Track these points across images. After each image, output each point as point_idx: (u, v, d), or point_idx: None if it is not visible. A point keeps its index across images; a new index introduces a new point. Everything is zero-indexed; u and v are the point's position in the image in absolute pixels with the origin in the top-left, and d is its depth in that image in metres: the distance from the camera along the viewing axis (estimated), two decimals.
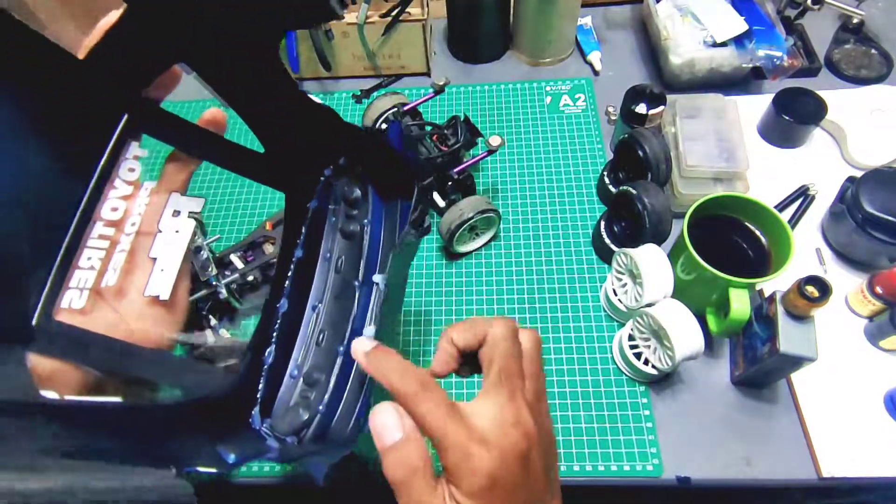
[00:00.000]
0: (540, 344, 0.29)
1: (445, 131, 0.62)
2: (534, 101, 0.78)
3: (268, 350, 0.33)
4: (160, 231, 0.29)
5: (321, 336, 0.35)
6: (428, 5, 0.76)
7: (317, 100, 0.33)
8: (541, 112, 0.77)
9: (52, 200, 0.26)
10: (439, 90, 0.63)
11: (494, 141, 0.59)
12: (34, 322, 0.24)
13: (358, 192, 0.38)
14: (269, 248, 0.65)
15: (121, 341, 0.27)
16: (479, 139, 0.63)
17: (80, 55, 0.24)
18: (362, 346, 0.28)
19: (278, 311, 0.34)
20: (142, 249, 0.29)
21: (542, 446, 0.25)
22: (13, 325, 0.23)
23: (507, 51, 0.84)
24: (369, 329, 0.33)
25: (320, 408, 0.31)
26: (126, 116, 0.27)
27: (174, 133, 0.30)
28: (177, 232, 0.29)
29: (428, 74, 0.82)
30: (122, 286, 0.28)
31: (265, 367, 0.32)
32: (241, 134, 0.34)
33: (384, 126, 0.64)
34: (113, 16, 0.25)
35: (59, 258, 0.25)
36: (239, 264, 0.62)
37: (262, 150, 0.34)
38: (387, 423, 0.25)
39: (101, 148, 0.27)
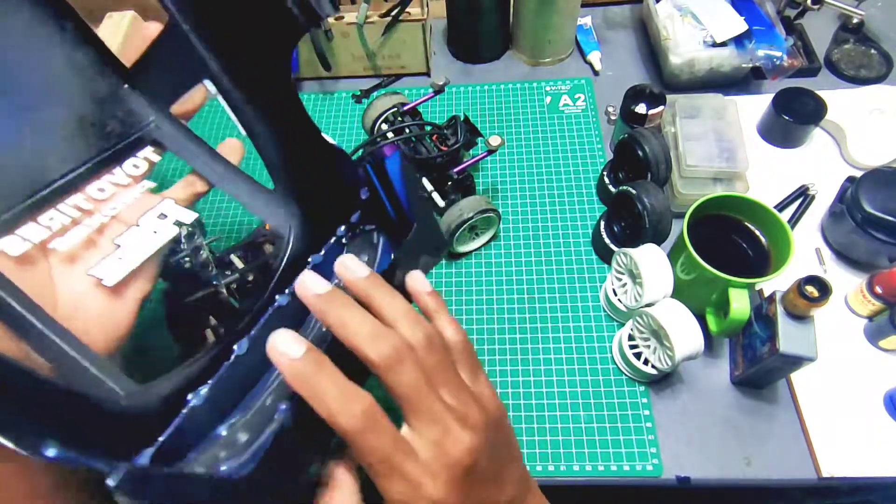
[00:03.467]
0: (433, 339, 0.25)
1: (445, 131, 0.62)
2: (534, 101, 0.78)
3: (200, 389, 0.27)
4: (137, 225, 0.29)
5: (269, 399, 0.29)
6: (428, 5, 0.76)
7: (330, 140, 0.33)
8: (541, 112, 0.77)
9: (42, 164, 0.27)
10: (439, 90, 0.63)
11: (494, 141, 0.59)
12: None
13: (366, 258, 0.35)
14: (268, 248, 0.65)
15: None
16: (479, 139, 0.63)
17: (128, 63, 0.29)
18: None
19: (232, 353, 0.28)
20: (110, 233, 0.28)
21: (487, 450, 0.24)
22: None
23: (506, 51, 0.84)
24: None
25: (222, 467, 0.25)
26: (151, 120, 0.30)
27: (194, 153, 0.31)
28: (154, 232, 0.29)
29: (428, 74, 0.82)
30: (71, 255, 0.27)
31: (186, 407, 0.26)
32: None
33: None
34: (154, 28, 0.29)
35: (19, 208, 0.26)
36: (239, 264, 0.62)
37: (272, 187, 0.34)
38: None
39: (117, 141, 0.30)
